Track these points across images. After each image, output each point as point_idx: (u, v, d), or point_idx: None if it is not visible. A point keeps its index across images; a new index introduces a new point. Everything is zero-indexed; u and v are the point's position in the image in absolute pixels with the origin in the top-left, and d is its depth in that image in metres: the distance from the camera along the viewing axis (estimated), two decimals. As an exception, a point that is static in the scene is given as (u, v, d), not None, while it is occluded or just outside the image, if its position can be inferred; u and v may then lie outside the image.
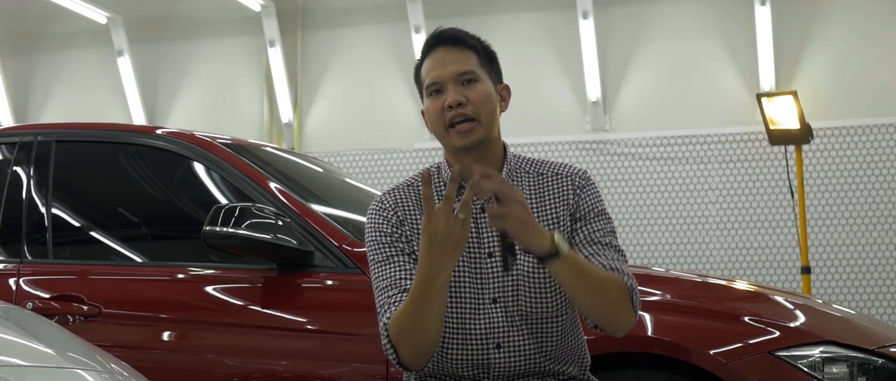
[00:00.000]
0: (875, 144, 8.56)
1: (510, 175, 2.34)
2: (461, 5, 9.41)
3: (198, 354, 3.15)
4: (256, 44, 10.09)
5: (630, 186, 9.02)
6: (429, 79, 2.32)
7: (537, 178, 2.37)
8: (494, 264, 2.29)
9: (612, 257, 2.26)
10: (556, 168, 2.38)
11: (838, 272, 8.55)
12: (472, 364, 2.29)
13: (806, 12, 8.80)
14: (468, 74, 2.31)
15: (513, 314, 2.28)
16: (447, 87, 2.30)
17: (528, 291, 2.28)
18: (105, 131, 3.73)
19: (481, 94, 2.30)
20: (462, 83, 2.30)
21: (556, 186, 2.34)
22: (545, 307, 2.28)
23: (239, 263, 3.18)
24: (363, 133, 9.74)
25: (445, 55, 2.32)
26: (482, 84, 2.32)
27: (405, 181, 2.42)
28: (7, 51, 10.78)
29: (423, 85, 2.35)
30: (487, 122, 2.30)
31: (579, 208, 2.32)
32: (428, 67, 2.34)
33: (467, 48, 2.34)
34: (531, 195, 2.34)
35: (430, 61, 2.34)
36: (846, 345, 2.85)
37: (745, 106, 8.76)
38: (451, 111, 2.28)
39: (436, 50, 2.34)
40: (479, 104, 2.29)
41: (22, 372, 1.73)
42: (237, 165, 3.35)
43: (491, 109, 2.31)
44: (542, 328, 2.30)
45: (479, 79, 2.32)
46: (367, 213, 2.37)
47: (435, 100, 2.31)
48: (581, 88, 9.10)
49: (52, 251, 3.45)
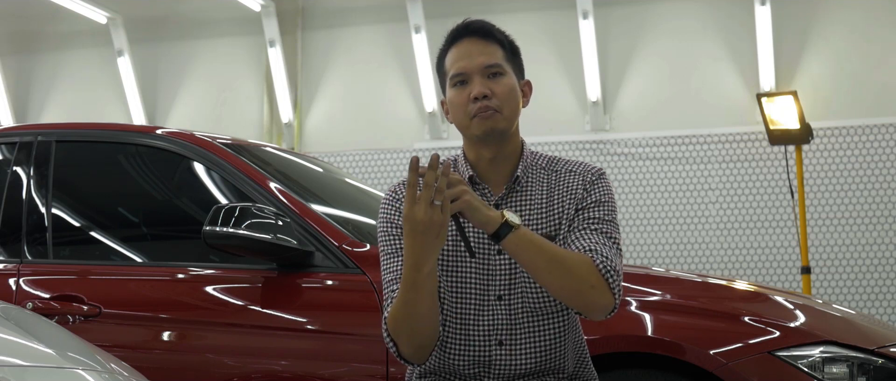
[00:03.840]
0: (875, 144, 8.56)
1: (525, 171, 2.34)
2: (461, 5, 9.40)
3: (198, 354, 3.15)
4: (256, 44, 10.09)
5: (630, 186, 9.02)
6: (454, 69, 2.31)
7: (550, 174, 2.36)
8: (503, 261, 2.29)
9: (594, 241, 2.23)
10: (571, 165, 2.38)
11: (838, 272, 8.55)
12: (473, 362, 2.30)
13: (806, 12, 8.80)
14: (495, 68, 2.30)
15: (516, 311, 2.28)
16: (473, 78, 2.29)
17: (532, 286, 2.28)
18: (105, 131, 3.73)
19: (506, 87, 2.30)
20: (488, 76, 2.29)
21: (567, 183, 2.34)
22: (548, 303, 2.29)
23: (239, 263, 3.18)
24: (363, 133, 9.73)
25: (473, 47, 2.32)
26: (508, 78, 2.32)
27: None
28: (7, 51, 10.78)
29: (448, 75, 2.33)
30: (510, 116, 2.30)
31: (584, 200, 2.31)
32: (454, 57, 2.32)
33: (494, 41, 2.34)
34: (542, 190, 2.33)
35: (456, 51, 2.33)
36: (846, 345, 2.85)
37: (745, 106, 8.76)
38: (477, 103, 2.27)
39: (462, 40, 2.33)
40: (504, 98, 2.29)
41: (22, 372, 1.73)
42: (237, 165, 3.35)
43: (515, 103, 2.31)
44: (544, 325, 2.30)
45: (504, 73, 2.32)
46: (381, 202, 2.38)
47: (460, 91, 2.30)
48: (581, 87, 9.10)
49: (52, 251, 3.45)
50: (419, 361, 2.26)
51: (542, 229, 2.30)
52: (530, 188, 2.33)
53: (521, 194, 2.33)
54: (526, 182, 2.33)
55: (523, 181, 2.33)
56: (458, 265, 2.30)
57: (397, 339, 2.22)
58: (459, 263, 2.30)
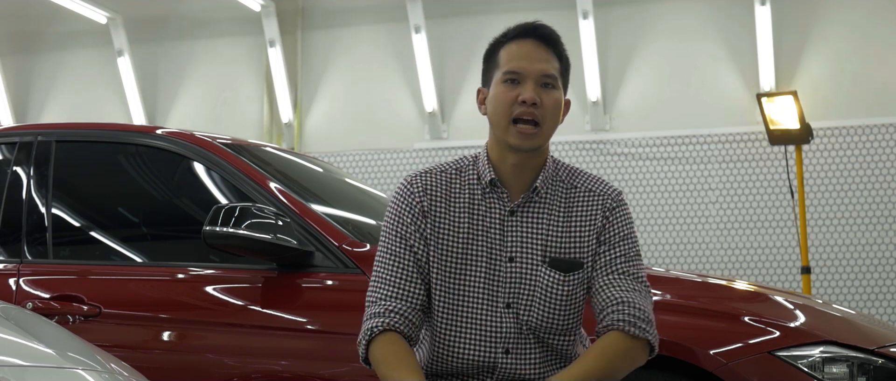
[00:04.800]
0: (875, 144, 8.56)
1: (545, 182, 2.32)
2: (461, 5, 9.41)
3: (198, 354, 3.15)
4: (256, 44, 10.09)
5: (630, 186, 9.02)
6: (511, 65, 2.29)
7: (570, 191, 2.34)
8: (513, 268, 2.28)
9: (623, 289, 2.25)
10: (591, 184, 2.35)
11: (838, 272, 8.55)
12: (478, 366, 2.29)
13: (806, 12, 8.80)
14: (550, 79, 2.29)
15: (525, 322, 2.27)
16: (527, 82, 2.27)
17: (543, 303, 2.27)
18: (105, 131, 3.73)
19: (555, 102, 2.29)
20: (542, 84, 2.28)
21: (586, 206, 2.32)
22: (557, 322, 2.28)
23: (239, 263, 3.17)
24: (363, 133, 9.73)
25: (536, 50, 2.30)
26: (558, 93, 2.30)
27: (440, 166, 2.39)
28: (7, 51, 10.78)
29: (500, 68, 2.31)
30: (548, 131, 2.29)
31: (605, 231, 2.30)
32: (513, 53, 2.30)
33: (555, 52, 2.33)
34: (560, 207, 2.32)
35: (517, 48, 2.31)
36: (846, 345, 2.84)
37: (745, 106, 8.76)
38: (523, 107, 2.25)
39: (527, 40, 2.31)
40: (549, 111, 2.27)
41: (22, 372, 1.73)
42: (237, 165, 3.35)
43: (555, 119, 2.30)
44: (552, 339, 2.30)
45: (557, 87, 2.30)
46: (396, 190, 2.37)
47: (509, 88, 2.28)
48: (581, 88, 9.10)
49: (52, 251, 3.44)
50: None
51: (563, 252, 2.29)
52: (548, 201, 2.32)
53: (538, 204, 2.31)
54: (545, 194, 2.32)
55: (542, 193, 2.31)
56: (467, 269, 2.29)
57: (370, 360, 2.26)
58: (469, 267, 2.29)
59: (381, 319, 2.25)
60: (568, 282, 2.27)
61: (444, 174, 2.36)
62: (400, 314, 2.25)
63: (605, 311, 2.24)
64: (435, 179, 2.35)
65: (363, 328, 2.27)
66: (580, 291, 2.30)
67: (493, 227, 2.29)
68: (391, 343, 2.22)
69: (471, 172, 2.35)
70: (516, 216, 2.29)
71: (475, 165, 2.35)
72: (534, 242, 2.29)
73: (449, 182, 2.34)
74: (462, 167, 2.37)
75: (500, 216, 2.30)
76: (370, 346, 2.24)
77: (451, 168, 2.37)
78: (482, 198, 2.31)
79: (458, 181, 2.34)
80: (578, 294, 2.30)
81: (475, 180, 2.33)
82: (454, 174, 2.35)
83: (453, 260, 2.29)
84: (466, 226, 2.29)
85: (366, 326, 2.26)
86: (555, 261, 2.28)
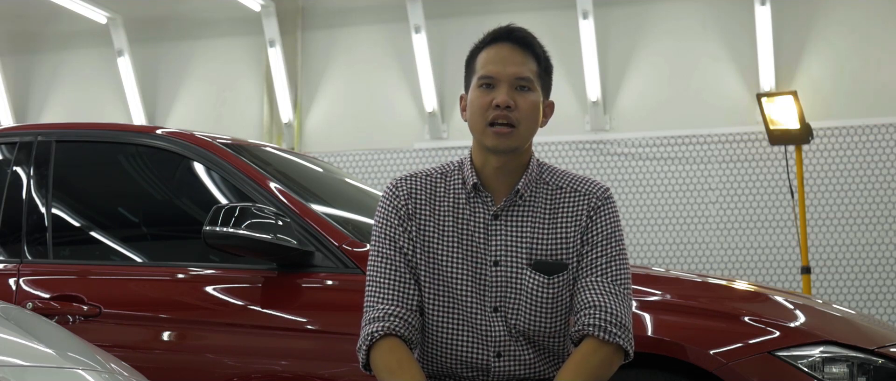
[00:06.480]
0: (875, 144, 8.56)
1: (527, 185, 2.31)
2: (461, 5, 9.41)
3: (198, 354, 3.15)
4: (256, 44, 10.09)
5: (630, 186, 9.02)
6: (484, 70, 2.29)
7: (555, 191, 2.33)
8: (499, 272, 2.28)
9: (600, 293, 2.24)
10: (576, 184, 2.34)
11: (838, 272, 8.55)
12: (471, 367, 2.30)
13: (806, 12, 8.80)
14: (525, 81, 2.28)
15: (514, 326, 2.27)
16: (501, 85, 2.27)
17: (530, 307, 2.27)
18: (105, 131, 3.73)
19: (530, 104, 2.28)
20: (516, 87, 2.27)
21: (571, 205, 2.31)
22: (545, 325, 2.28)
23: (239, 263, 3.17)
24: (363, 133, 9.73)
25: (510, 54, 2.29)
26: (534, 95, 2.29)
27: (425, 171, 2.38)
28: (7, 51, 10.78)
29: (476, 74, 2.31)
30: (526, 133, 2.28)
31: (589, 231, 2.29)
32: (487, 58, 2.30)
33: (532, 55, 2.31)
34: (545, 208, 2.31)
35: (491, 53, 2.30)
36: (846, 345, 2.85)
37: (745, 106, 8.76)
38: (497, 111, 2.25)
39: (501, 44, 2.31)
40: (525, 113, 2.27)
41: (22, 372, 1.73)
42: (237, 165, 3.35)
43: (534, 121, 2.29)
44: (542, 341, 2.30)
45: (533, 88, 2.29)
46: (383, 193, 2.37)
47: (484, 93, 2.28)
48: (581, 88, 9.10)
49: (52, 251, 3.44)
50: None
51: (548, 254, 2.28)
52: (533, 204, 2.31)
53: (522, 207, 2.31)
54: (528, 197, 2.31)
55: (525, 195, 2.31)
56: (454, 274, 2.29)
57: (370, 365, 2.25)
58: (456, 271, 2.29)
59: (380, 323, 2.24)
60: (552, 284, 2.27)
61: (429, 178, 2.36)
62: (399, 318, 2.25)
63: (579, 314, 2.25)
64: (420, 183, 2.35)
65: (362, 334, 2.26)
66: (566, 292, 2.29)
67: (478, 231, 2.29)
68: (393, 351, 2.21)
69: (456, 176, 2.35)
70: (500, 220, 2.29)
71: (460, 170, 2.36)
72: (518, 245, 2.28)
73: (434, 186, 2.35)
74: (447, 172, 2.37)
75: (484, 220, 2.30)
76: (371, 352, 2.24)
77: (437, 173, 2.38)
78: (466, 202, 2.31)
79: (442, 185, 2.34)
80: (564, 296, 2.29)
81: (460, 185, 2.34)
82: (439, 178, 2.36)
83: (440, 264, 2.29)
84: (452, 230, 2.29)
85: (365, 331, 2.26)
86: (539, 264, 2.27)
